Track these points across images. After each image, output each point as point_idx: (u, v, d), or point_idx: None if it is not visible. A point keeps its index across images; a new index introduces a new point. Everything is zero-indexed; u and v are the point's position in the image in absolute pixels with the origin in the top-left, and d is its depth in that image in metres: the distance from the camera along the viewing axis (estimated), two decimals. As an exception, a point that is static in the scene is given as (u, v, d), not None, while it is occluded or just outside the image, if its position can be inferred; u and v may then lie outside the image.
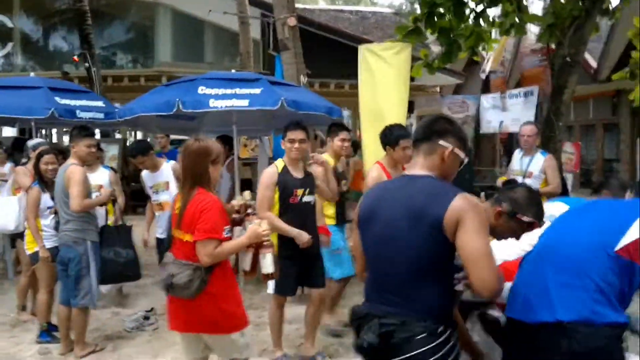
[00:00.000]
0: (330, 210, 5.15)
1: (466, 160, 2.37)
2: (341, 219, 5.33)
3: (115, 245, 4.88)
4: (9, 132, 11.34)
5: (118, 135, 14.47)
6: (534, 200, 2.61)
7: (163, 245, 5.63)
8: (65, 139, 15.78)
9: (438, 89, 15.27)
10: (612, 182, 3.78)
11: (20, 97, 6.78)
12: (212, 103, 5.50)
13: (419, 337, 2.16)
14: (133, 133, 15.20)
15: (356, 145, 10.97)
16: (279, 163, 4.36)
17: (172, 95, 5.67)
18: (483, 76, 12.40)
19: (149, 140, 9.25)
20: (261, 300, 5.87)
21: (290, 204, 4.25)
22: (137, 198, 10.31)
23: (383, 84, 6.58)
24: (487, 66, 11.65)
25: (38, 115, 6.67)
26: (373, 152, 5.39)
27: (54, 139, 12.80)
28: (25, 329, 5.37)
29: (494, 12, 8.03)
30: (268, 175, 4.29)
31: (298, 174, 4.32)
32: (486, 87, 13.01)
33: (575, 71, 7.33)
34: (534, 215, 2.56)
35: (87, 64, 11.03)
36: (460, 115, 10.98)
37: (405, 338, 2.17)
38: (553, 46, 8.51)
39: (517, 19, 7.04)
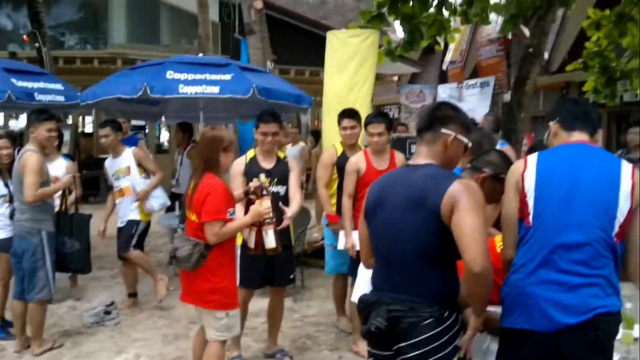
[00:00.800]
0: (332, 199, 4.86)
1: (470, 145, 2.38)
2: None
3: (64, 233, 4.68)
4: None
5: (69, 121, 13.89)
6: (507, 159, 2.75)
7: (122, 234, 5.45)
8: (12, 123, 15.09)
9: (396, 78, 15.28)
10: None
11: (-28, 79, 6.35)
12: (182, 89, 5.31)
13: (425, 322, 2.21)
14: (81, 118, 14.62)
15: (317, 135, 10.84)
16: (250, 153, 4.32)
17: (139, 80, 5.44)
18: (445, 67, 12.46)
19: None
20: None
21: None
22: (89, 186, 9.88)
23: (349, 71, 6.50)
24: (448, 57, 11.72)
25: None
26: (333, 139, 5.27)
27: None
28: (-22, 325, 5.07)
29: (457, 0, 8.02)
30: (235, 166, 4.26)
31: (267, 164, 4.23)
32: (443, 78, 13.08)
33: (537, 62, 7.41)
34: None
35: (37, 44, 10.49)
36: (417, 105, 10.97)
37: (412, 323, 2.22)
38: (509, 36, 8.60)
39: (481, 9, 7.08)
